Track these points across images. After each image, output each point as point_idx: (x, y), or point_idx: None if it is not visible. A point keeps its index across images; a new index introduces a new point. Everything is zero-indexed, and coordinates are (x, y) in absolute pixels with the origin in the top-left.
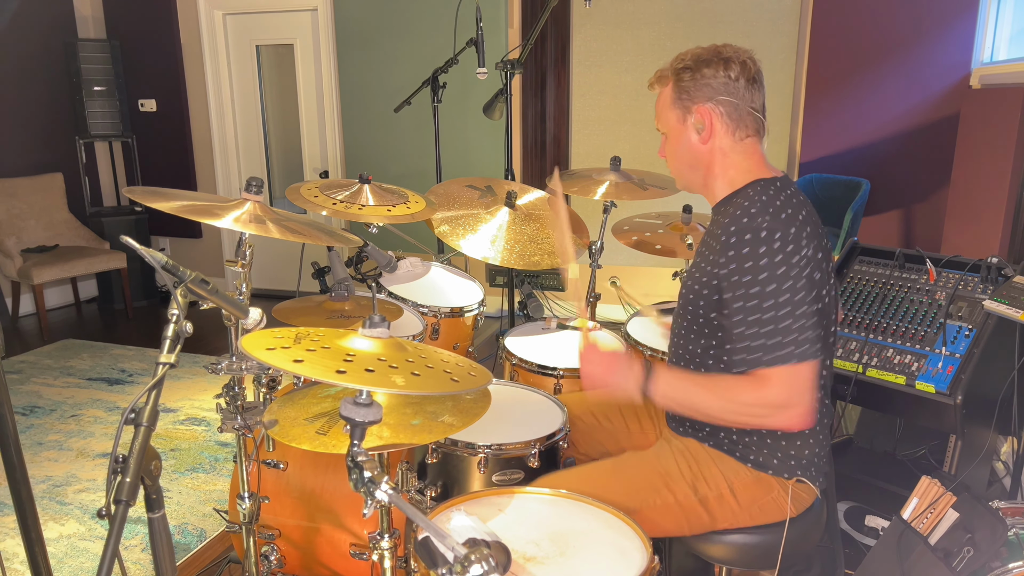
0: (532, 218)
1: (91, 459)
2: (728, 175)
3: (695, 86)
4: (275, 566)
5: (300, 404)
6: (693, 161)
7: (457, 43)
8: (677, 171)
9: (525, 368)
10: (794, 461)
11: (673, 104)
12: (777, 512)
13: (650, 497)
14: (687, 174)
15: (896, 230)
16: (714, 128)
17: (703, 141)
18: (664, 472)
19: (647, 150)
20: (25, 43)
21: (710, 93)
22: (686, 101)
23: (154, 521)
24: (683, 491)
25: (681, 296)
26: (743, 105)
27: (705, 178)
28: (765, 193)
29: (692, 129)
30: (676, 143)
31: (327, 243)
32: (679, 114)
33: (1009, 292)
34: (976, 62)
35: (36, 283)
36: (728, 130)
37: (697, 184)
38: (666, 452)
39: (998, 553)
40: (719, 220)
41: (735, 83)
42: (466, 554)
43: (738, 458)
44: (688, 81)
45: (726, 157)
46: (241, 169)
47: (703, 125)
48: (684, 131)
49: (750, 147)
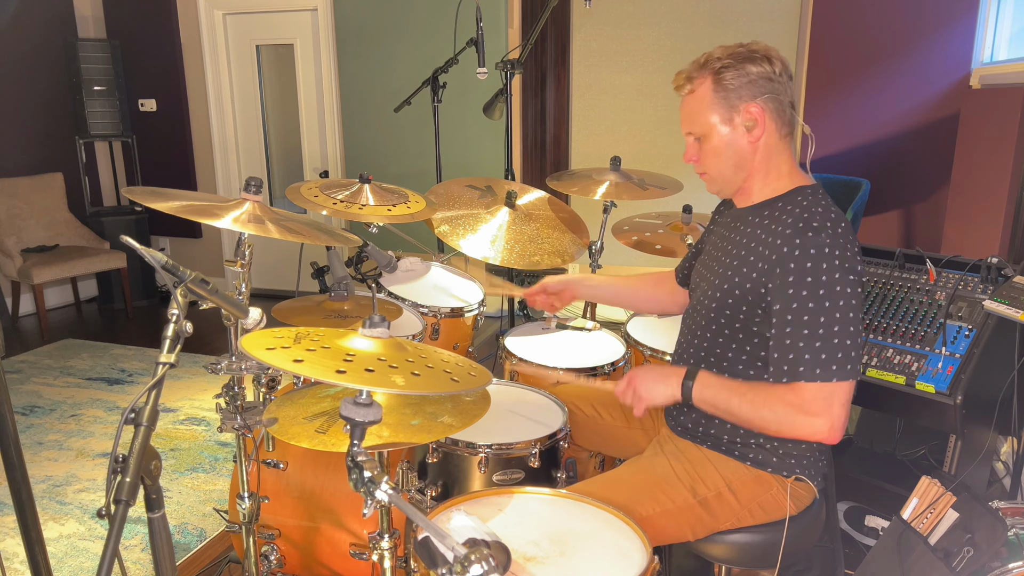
0: (532, 218)
1: (91, 459)
2: (771, 176)
3: (741, 83)
4: (275, 566)
5: (299, 403)
6: (739, 162)
7: (457, 43)
8: (719, 174)
9: (525, 368)
10: (793, 460)
11: (714, 104)
12: (777, 510)
13: (649, 506)
14: (730, 176)
15: (896, 230)
16: (766, 126)
17: (754, 140)
18: (661, 479)
19: (647, 150)
20: (25, 43)
21: (757, 90)
22: (733, 100)
23: (154, 521)
24: (682, 495)
25: (707, 297)
26: (785, 102)
27: (747, 179)
28: (818, 205)
29: (740, 128)
30: (720, 144)
31: (327, 243)
32: (724, 114)
33: (1009, 292)
34: (976, 62)
35: (36, 283)
36: (776, 127)
37: (733, 185)
38: (660, 460)
39: (998, 553)
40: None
41: (780, 78)
42: (466, 554)
43: (736, 457)
44: (733, 79)
45: (771, 157)
46: (241, 169)
47: (754, 123)
48: (731, 131)
49: (788, 146)
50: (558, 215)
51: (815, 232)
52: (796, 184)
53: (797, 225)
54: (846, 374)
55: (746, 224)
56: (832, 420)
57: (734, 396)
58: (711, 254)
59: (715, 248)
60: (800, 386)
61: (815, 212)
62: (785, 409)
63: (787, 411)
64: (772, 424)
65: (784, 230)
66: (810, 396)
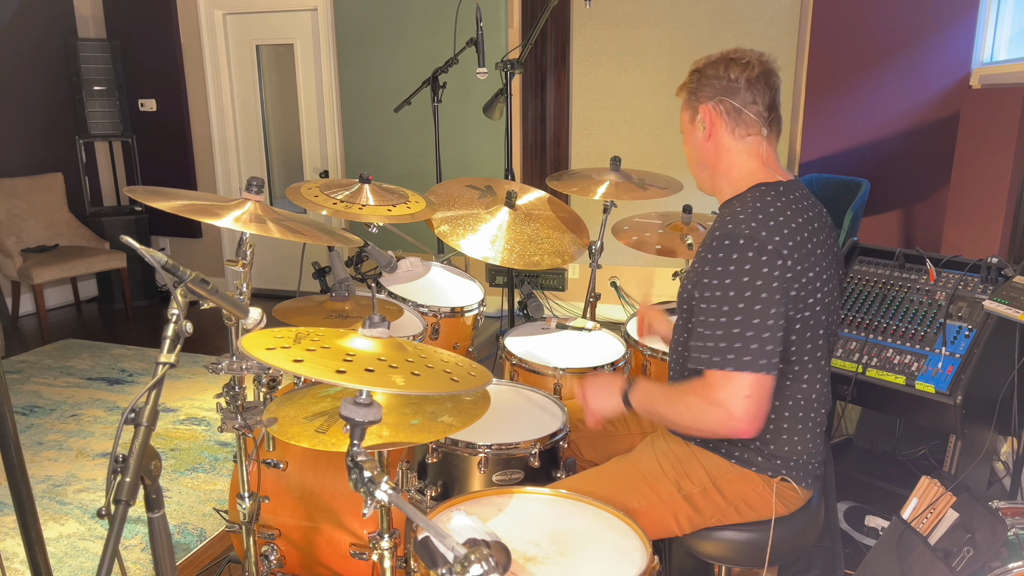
0: (532, 218)
1: (91, 459)
2: (732, 175)
3: (699, 87)
4: (275, 566)
5: (299, 403)
6: (700, 159)
7: (457, 43)
8: (692, 170)
9: (525, 368)
10: (779, 461)
11: (685, 105)
12: (764, 507)
13: (635, 499)
14: (697, 172)
15: (896, 230)
16: (714, 126)
17: (706, 139)
18: (646, 473)
19: (647, 150)
20: (25, 43)
21: (711, 93)
22: (693, 101)
23: (154, 521)
24: (667, 489)
25: (679, 295)
26: (742, 105)
27: (712, 176)
28: (761, 200)
29: (699, 127)
30: (688, 142)
31: (327, 243)
32: (689, 114)
33: (1009, 292)
34: (976, 62)
35: (36, 283)
36: (727, 128)
37: (707, 183)
38: (647, 454)
39: (998, 553)
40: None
41: (734, 83)
42: (466, 554)
43: (723, 455)
44: (695, 83)
45: (729, 155)
46: (241, 169)
47: (705, 123)
48: (693, 130)
49: (752, 146)
50: (558, 215)
51: (737, 223)
52: (757, 181)
53: (727, 217)
54: (745, 365)
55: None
56: (733, 411)
57: (660, 399)
58: None
59: None
60: (709, 376)
61: (751, 205)
62: (697, 402)
63: (695, 401)
64: (687, 417)
65: (719, 224)
66: (713, 385)
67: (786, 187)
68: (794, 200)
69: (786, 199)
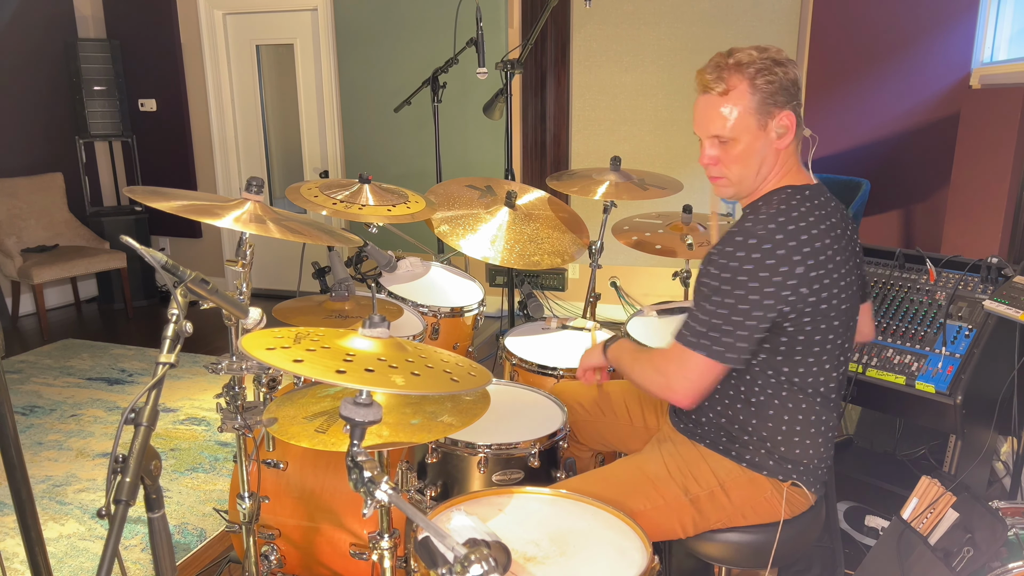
0: (532, 218)
1: (91, 459)
2: (778, 176)
3: (777, 89)
4: (275, 566)
5: (299, 403)
6: (762, 167)
7: (457, 43)
8: (741, 177)
9: (525, 368)
10: (790, 465)
11: (751, 108)
12: (770, 513)
13: (640, 502)
14: (751, 181)
15: (896, 230)
16: (793, 131)
17: (781, 147)
18: (653, 476)
19: (647, 150)
20: (25, 43)
21: (789, 97)
22: (770, 105)
23: (154, 521)
24: (672, 492)
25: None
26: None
27: (763, 181)
28: (787, 203)
29: (772, 134)
30: (749, 149)
31: (327, 243)
32: (760, 119)
33: (1009, 292)
34: (976, 62)
35: (36, 283)
36: (797, 133)
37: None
38: (654, 456)
39: (998, 553)
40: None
41: (799, 88)
42: (466, 554)
43: (733, 458)
44: (768, 84)
45: (787, 161)
46: (241, 169)
47: (785, 130)
48: (763, 136)
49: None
50: (558, 215)
51: (756, 223)
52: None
53: (750, 216)
54: (703, 348)
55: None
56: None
57: (626, 353)
58: None
59: None
60: (674, 345)
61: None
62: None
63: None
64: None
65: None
66: (674, 357)
67: (812, 191)
68: (817, 206)
69: (810, 204)
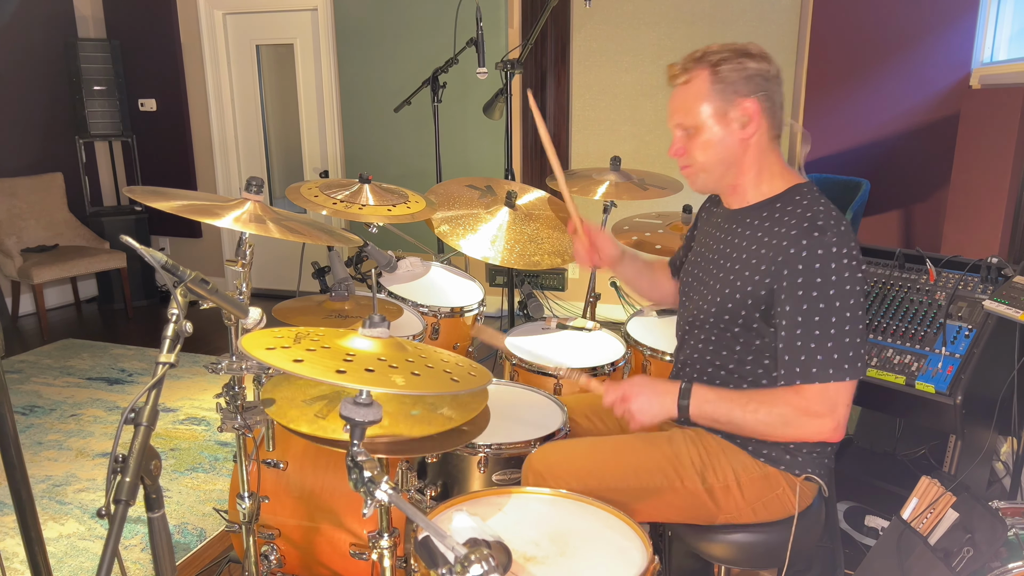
0: (532, 218)
1: (91, 459)
2: (762, 176)
3: (739, 77)
4: (275, 566)
5: (297, 384)
6: (729, 159)
7: (457, 43)
8: (705, 168)
9: (525, 368)
10: (803, 458)
11: (710, 96)
12: (780, 510)
13: (658, 480)
14: (718, 172)
15: (896, 230)
16: (759, 124)
17: (746, 137)
18: (675, 456)
19: (647, 150)
20: (25, 43)
21: (754, 87)
22: (729, 93)
23: (154, 521)
24: (691, 478)
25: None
26: (778, 102)
27: (737, 177)
28: (818, 204)
29: (734, 123)
30: (711, 138)
31: (327, 243)
32: (719, 106)
33: (1009, 292)
34: (976, 62)
35: (36, 283)
36: (767, 127)
37: (725, 184)
38: (679, 437)
39: (998, 553)
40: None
41: (775, 79)
42: (466, 554)
43: (750, 452)
44: (731, 72)
45: (762, 156)
46: (241, 169)
47: (748, 119)
48: (724, 125)
49: (777, 148)
50: (558, 215)
51: (821, 232)
52: (790, 183)
53: (802, 225)
54: (856, 372)
55: (743, 226)
56: (837, 419)
57: (735, 407)
58: (705, 256)
59: (708, 251)
60: (805, 388)
61: (818, 211)
62: (790, 412)
63: (792, 413)
64: (778, 428)
65: (788, 231)
66: (816, 397)
67: (818, 190)
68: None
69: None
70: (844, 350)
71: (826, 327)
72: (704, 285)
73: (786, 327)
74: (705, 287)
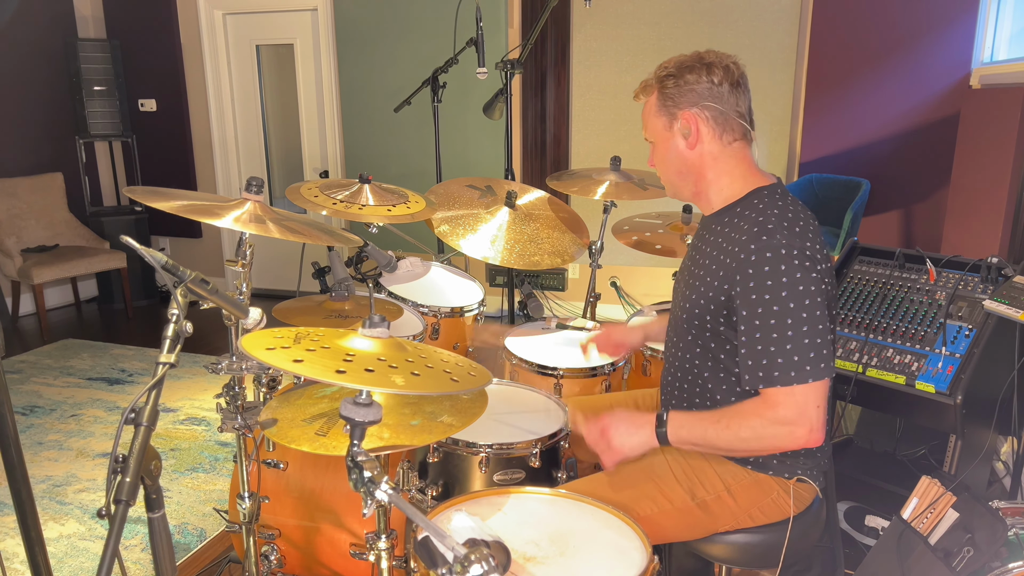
0: (532, 218)
1: (91, 459)
2: (721, 181)
3: (679, 92)
4: (275, 566)
5: (296, 404)
6: (682, 168)
7: (457, 43)
8: (666, 179)
9: (525, 368)
10: (791, 460)
11: (659, 111)
12: (777, 512)
13: (647, 506)
14: (676, 182)
15: (896, 230)
16: (700, 133)
17: (690, 147)
18: (659, 480)
19: (647, 150)
20: (25, 43)
21: (694, 99)
22: (671, 107)
23: (154, 521)
24: (680, 496)
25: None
26: (728, 109)
27: (696, 185)
28: (774, 205)
29: (679, 135)
30: (664, 151)
31: (327, 243)
32: (665, 121)
33: (1009, 292)
34: (976, 62)
35: (36, 283)
36: (715, 135)
37: (688, 192)
38: (660, 459)
39: (998, 553)
40: (723, 231)
41: (719, 88)
42: (466, 554)
43: (737, 461)
44: (672, 88)
45: (717, 162)
46: (241, 169)
47: (689, 130)
48: (671, 138)
49: (739, 151)
50: (558, 215)
51: (769, 235)
52: (752, 186)
53: (752, 230)
54: (820, 373)
55: (711, 232)
56: (810, 424)
57: (709, 425)
58: (685, 263)
59: (689, 257)
60: (772, 394)
61: (770, 214)
62: (760, 423)
63: (762, 424)
64: (753, 442)
65: (740, 236)
66: (783, 403)
67: (781, 190)
68: (793, 202)
69: (788, 200)
70: (804, 351)
71: (783, 330)
72: (680, 292)
73: (745, 332)
74: (681, 294)
